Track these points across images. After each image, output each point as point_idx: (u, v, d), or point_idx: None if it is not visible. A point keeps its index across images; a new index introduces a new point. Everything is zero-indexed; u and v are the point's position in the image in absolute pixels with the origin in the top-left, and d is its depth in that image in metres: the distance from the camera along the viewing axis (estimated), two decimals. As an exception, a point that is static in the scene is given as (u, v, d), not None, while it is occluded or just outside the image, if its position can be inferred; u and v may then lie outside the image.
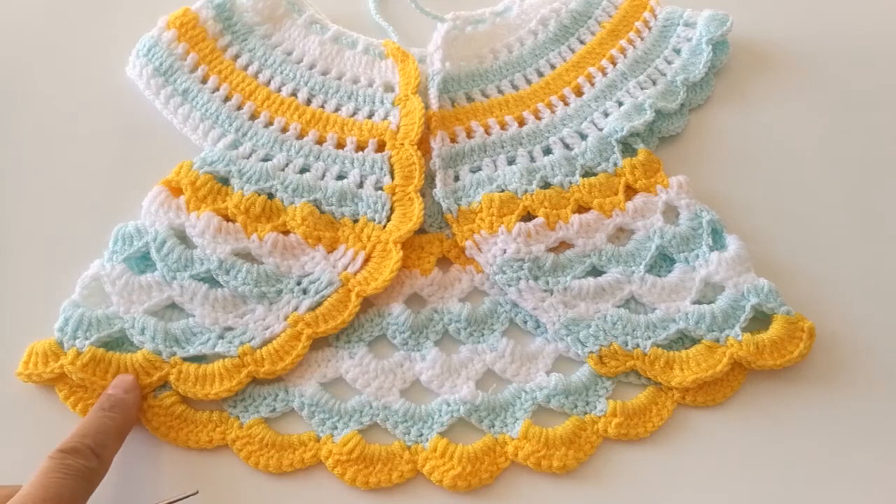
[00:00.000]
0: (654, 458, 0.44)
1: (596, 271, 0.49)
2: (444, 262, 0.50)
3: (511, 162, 0.53)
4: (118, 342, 0.46)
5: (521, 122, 0.55)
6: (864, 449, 0.45)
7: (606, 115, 0.55)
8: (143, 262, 0.48)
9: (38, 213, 0.51)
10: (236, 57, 0.56)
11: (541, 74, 0.57)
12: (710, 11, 0.58)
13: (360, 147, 0.53)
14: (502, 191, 0.51)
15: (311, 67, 0.56)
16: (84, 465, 0.38)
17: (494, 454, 0.44)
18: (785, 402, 0.46)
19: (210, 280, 0.47)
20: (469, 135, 0.54)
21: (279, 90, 0.55)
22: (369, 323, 0.48)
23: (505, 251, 0.49)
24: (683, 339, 0.47)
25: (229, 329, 0.46)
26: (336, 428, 0.44)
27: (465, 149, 0.53)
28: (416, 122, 0.52)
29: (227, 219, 0.49)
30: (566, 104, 0.56)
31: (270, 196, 0.50)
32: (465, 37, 0.57)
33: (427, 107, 0.54)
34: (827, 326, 0.47)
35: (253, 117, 0.53)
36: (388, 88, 0.55)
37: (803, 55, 0.59)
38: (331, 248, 0.49)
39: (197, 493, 0.41)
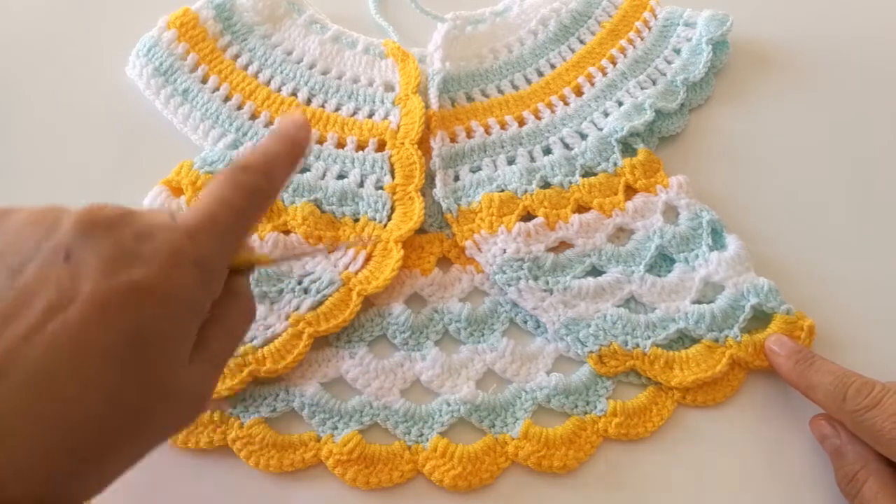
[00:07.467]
0: (654, 458, 0.44)
1: (596, 271, 0.49)
2: (444, 262, 0.50)
3: (511, 162, 0.53)
4: (118, 342, 0.46)
5: (521, 122, 0.55)
6: (863, 449, 0.45)
7: (606, 114, 0.55)
8: (143, 261, 0.48)
9: (39, 212, 0.51)
10: (236, 57, 0.56)
11: (541, 74, 0.57)
12: (710, 11, 0.58)
13: (361, 146, 0.53)
14: (502, 191, 0.51)
15: (311, 67, 0.56)
16: (253, 182, 0.34)
17: (495, 454, 0.44)
18: (785, 402, 0.46)
19: (210, 280, 0.47)
20: (469, 134, 0.54)
21: (279, 90, 0.55)
22: (370, 323, 0.48)
23: (505, 251, 0.48)
24: (683, 339, 0.47)
25: (230, 329, 0.46)
26: (336, 428, 0.44)
27: (465, 148, 0.53)
28: (417, 122, 0.52)
29: (228, 219, 0.49)
30: (566, 104, 0.55)
31: (271, 196, 0.50)
32: (465, 37, 0.57)
33: (427, 106, 0.54)
34: (827, 326, 0.47)
35: (253, 117, 0.53)
36: (389, 88, 0.55)
37: (803, 55, 0.59)
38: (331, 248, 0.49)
39: None
